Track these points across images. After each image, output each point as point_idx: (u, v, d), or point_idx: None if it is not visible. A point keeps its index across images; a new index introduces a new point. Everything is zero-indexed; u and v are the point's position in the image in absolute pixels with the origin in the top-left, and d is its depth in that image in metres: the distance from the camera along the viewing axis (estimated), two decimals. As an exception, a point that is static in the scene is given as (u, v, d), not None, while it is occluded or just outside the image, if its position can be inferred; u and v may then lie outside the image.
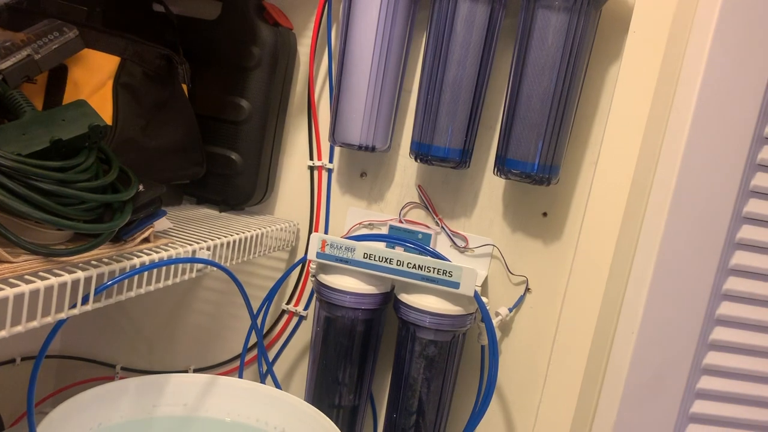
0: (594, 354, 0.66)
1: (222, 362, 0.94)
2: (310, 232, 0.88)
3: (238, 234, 0.74)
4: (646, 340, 0.62)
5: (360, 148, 0.79)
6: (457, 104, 0.75)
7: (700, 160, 0.60)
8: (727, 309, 0.62)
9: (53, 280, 0.48)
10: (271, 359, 0.91)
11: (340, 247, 0.77)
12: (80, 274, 0.51)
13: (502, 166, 0.75)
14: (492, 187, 0.82)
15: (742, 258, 0.61)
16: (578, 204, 0.78)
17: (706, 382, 0.64)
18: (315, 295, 0.82)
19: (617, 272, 0.65)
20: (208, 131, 0.81)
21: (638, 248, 0.62)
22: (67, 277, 0.49)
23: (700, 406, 0.64)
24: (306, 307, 0.90)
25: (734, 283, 0.62)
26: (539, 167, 0.73)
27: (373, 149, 0.80)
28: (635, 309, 0.62)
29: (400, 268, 0.75)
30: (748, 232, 0.61)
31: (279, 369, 0.92)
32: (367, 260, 0.76)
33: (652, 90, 0.63)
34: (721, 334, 0.63)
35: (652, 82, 0.64)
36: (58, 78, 0.65)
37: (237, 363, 0.92)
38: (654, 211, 0.61)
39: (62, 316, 0.50)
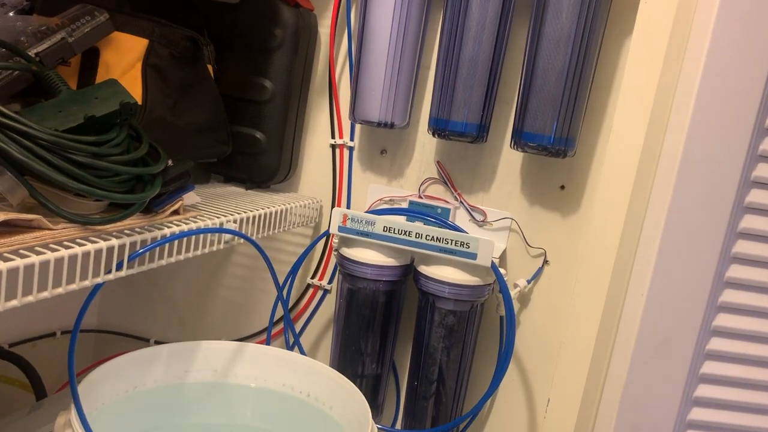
0: (606, 318, 0.68)
1: (251, 334, 0.97)
2: (332, 209, 0.90)
3: (263, 209, 0.77)
4: (656, 303, 0.63)
5: (379, 125, 0.82)
6: (474, 79, 0.77)
7: (708, 125, 0.61)
8: (736, 272, 0.63)
9: (89, 246, 0.52)
10: (297, 332, 0.94)
11: (361, 221, 0.79)
12: (114, 242, 0.54)
13: (519, 139, 0.76)
14: (510, 161, 0.83)
15: (751, 222, 0.62)
16: (595, 177, 0.79)
17: (716, 344, 0.65)
18: (338, 268, 0.84)
19: (628, 237, 0.66)
20: (233, 111, 0.84)
21: (648, 213, 0.64)
22: (102, 244, 0.53)
23: (710, 367, 0.65)
24: (330, 281, 0.93)
25: (743, 246, 0.62)
26: (555, 140, 0.74)
27: (392, 126, 0.82)
28: (645, 272, 0.63)
29: (419, 240, 0.77)
30: (757, 197, 0.62)
31: (305, 341, 0.95)
32: (386, 233, 0.78)
33: (661, 59, 0.64)
34: (730, 296, 0.64)
35: (661, 51, 0.64)
36: (90, 60, 0.68)
37: (265, 335, 0.95)
38: (663, 176, 0.62)
39: (99, 280, 0.54)
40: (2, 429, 0.72)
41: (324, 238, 0.92)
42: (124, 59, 0.69)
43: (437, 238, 0.77)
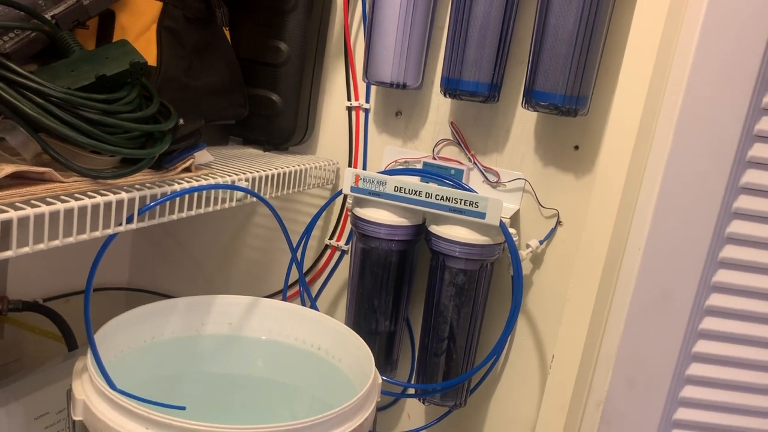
0: (606, 274, 0.67)
1: (271, 293, 1.00)
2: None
3: (277, 169, 0.78)
4: (653, 257, 0.63)
5: (392, 85, 0.82)
6: (486, 37, 0.76)
7: (709, 77, 0.60)
8: (738, 227, 0.62)
9: (99, 199, 0.54)
10: (316, 291, 0.97)
11: (372, 181, 0.80)
12: (124, 195, 0.57)
13: (530, 98, 0.76)
14: (524, 121, 0.83)
15: (754, 177, 0.61)
16: (610, 137, 0.78)
17: (716, 299, 0.64)
18: (353, 228, 0.86)
19: (629, 193, 0.65)
20: (249, 74, 0.85)
21: (647, 168, 0.63)
22: (112, 197, 0.55)
23: (710, 323, 0.64)
24: (347, 242, 0.94)
25: (746, 202, 0.61)
26: (566, 98, 0.73)
27: (404, 86, 0.82)
28: (642, 227, 0.63)
29: (429, 200, 0.78)
30: (760, 151, 0.60)
31: (324, 300, 0.98)
32: (397, 193, 0.79)
33: (664, 15, 0.63)
34: (732, 252, 0.63)
35: (664, 7, 0.63)
36: (107, 23, 0.71)
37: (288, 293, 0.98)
38: (663, 130, 0.61)
39: (109, 231, 0.56)
40: (38, 375, 0.77)
41: (341, 200, 0.94)
42: (139, 22, 0.71)
43: (446, 197, 0.77)
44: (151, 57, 0.71)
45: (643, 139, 0.63)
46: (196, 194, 0.65)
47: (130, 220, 0.58)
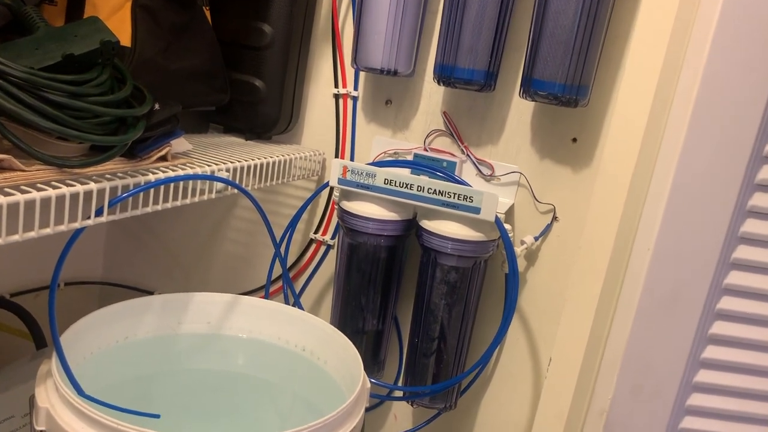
0: (610, 275, 0.64)
1: (253, 289, 0.96)
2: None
3: (259, 159, 0.74)
4: (662, 258, 0.59)
5: (382, 71, 0.78)
6: (482, 22, 0.72)
7: (724, 71, 0.56)
8: (752, 227, 0.59)
9: (65, 190, 0.50)
10: (300, 288, 0.93)
11: (361, 173, 0.76)
12: (93, 186, 0.52)
13: (528, 87, 0.72)
14: (520, 112, 0.79)
15: (770, 173, 0.58)
16: (610, 129, 0.74)
17: (728, 303, 0.61)
18: (339, 222, 0.82)
19: (636, 190, 0.62)
20: (230, 57, 0.81)
21: (657, 165, 0.59)
22: (79, 188, 0.51)
23: (720, 327, 0.61)
24: (333, 236, 0.90)
25: (761, 200, 0.58)
26: (566, 88, 0.70)
27: (395, 73, 0.78)
28: (652, 226, 0.59)
29: (421, 193, 0.74)
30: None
31: (307, 296, 0.93)
32: (387, 186, 0.75)
33: (676, 3, 0.59)
34: (745, 252, 0.59)
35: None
36: (76, 0, 0.66)
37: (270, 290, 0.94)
38: (674, 124, 0.58)
39: (76, 225, 0.52)
40: (4, 376, 0.72)
41: (327, 192, 0.90)
42: (112, -1, 0.66)
43: (439, 191, 0.73)
44: (125, 37, 0.66)
45: (652, 132, 0.60)
46: (172, 185, 0.60)
47: (99, 212, 0.53)
